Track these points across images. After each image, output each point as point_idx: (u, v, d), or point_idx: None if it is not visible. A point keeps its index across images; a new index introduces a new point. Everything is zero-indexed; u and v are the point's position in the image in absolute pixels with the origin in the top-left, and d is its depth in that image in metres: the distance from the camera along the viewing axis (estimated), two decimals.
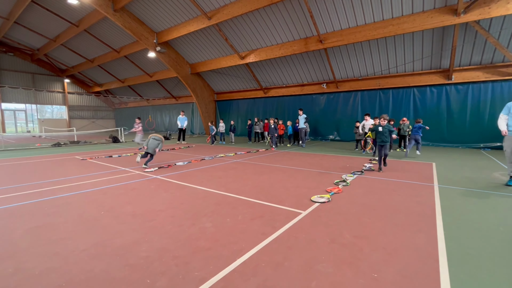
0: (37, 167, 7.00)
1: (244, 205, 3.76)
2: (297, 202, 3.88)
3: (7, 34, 21.13)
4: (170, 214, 3.43)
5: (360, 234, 2.80)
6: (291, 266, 2.20)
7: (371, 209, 3.59)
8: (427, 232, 2.85)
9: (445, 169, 6.47)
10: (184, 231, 2.89)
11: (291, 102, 16.89)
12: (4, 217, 3.34)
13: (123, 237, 2.74)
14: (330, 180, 5.26)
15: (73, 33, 18.32)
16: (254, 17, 12.75)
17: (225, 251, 2.44)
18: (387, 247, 2.52)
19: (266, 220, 3.20)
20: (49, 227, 3.01)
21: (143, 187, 4.84)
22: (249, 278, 2.02)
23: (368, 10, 10.42)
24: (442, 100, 11.77)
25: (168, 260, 2.28)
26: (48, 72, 27.93)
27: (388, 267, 2.18)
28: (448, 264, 2.22)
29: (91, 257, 2.34)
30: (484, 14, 8.61)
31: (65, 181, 5.33)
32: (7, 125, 25.55)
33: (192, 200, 4.04)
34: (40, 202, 3.95)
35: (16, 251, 2.46)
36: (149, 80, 22.66)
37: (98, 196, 4.23)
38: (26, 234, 2.82)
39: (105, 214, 3.41)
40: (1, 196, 4.27)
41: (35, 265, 2.21)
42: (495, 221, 3.19)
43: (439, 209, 3.61)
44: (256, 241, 2.65)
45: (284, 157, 8.69)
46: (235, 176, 5.75)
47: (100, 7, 13.62)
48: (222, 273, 2.09)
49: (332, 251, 2.45)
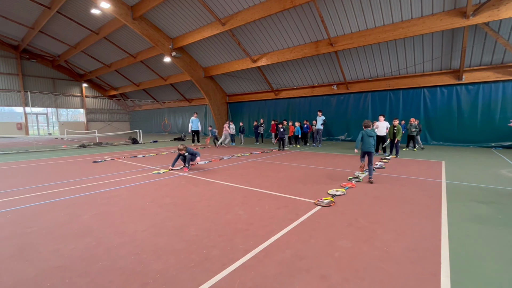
0: (75, 166, 7.71)
1: (269, 198, 4.26)
2: (315, 195, 4.35)
3: (31, 42, 22.45)
4: (205, 204, 3.96)
5: (373, 220, 3.26)
6: (316, 242, 2.68)
7: (382, 201, 4.02)
8: (432, 219, 3.27)
9: (454, 167, 6.79)
10: (222, 217, 3.41)
11: (302, 104, 17.32)
12: (67, 206, 3.95)
13: (173, 221, 3.28)
14: (344, 177, 5.70)
15: (93, 40, 19.33)
16: (266, 22, 13.26)
17: (260, 232, 2.95)
18: (397, 230, 2.96)
19: (290, 209, 3.69)
20: (107, 214, 3.59)
21: (175, 183, 5.41)
22: (284, 250, 2.52)
23: (378, 13, 10.76)
24: (453, 100, 11.96)
25: (215, 237, 2.81)
26: (67, 77, 29.30)
27: (398, 244, 2.63)
28: (449, 242, 2.65)
29: (152, 235, 2.89)
30: (493, 16, 8.83)
31: (105, 177, 5.96)
32: (29, 128, 26.96)
33: (221, 193, 4.57)
34: (91, 195, 4.56)
35: (90, 230, 3.04)
36: (163, 84, 23.53)
37: (138, 190, 4.82)
38: (92, 219, 3.41)
39: (150, 204, 3.98)
40: (59, 189, 4.92)
41: (111, 240, 2.78)
42: (495, 210, 3.57)
43: (445, 201, 4.01)
44: (284, 224, 3.14)
45: (298, 156, 9.15)
46: (255, 173, 6.26)
47: (120, 16, 14.44)
48: (262, 246, 2.60)
49: (350, 232, 2.92)
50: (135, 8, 14.55)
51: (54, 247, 2.64)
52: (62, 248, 2.62)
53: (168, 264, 2.30)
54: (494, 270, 2.18)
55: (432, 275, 2.11)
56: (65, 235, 2.93)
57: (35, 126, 27.68)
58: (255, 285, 1.99)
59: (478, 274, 2.13)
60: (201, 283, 2.03)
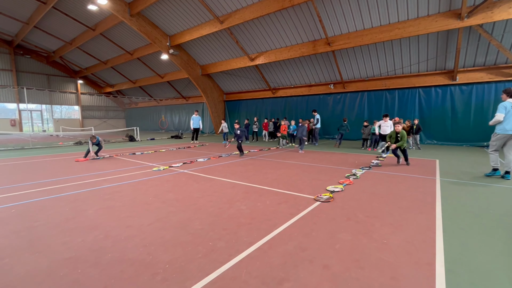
0: (74, 162, 7.70)
1: (269, 194, 4.36)
2: (314, 191, 4.47)
3: (25, 37, 22.12)
4: (208, 199, 4.05)
5: (371, 215, 3.38)
6: (317, 235, 2.79)
7: (379, 197, 4.16)
8: (427, 214, 3.41)
9: (448, 165, 6.99)
10: (225, 212, 3.50)
11: (299, 102, 17.45)
12: (71, 201, 3.99)
13: (177, 216, 3.36)
14: (341, 174, 5.84)
15: (89, 36, 19.16)
16: (264, 21, 13.33)
17: (263, 225, 3.05)
18: (394, 223, 3.09)
19: (290, 204, 3.79)
20: (112, 209, 3.65)
21: (176, 179, 5.48)
22: (287, 242, 2.62)
23: (375, 14, 10.91)
24: (447, 100, 12.21)
25: (220, 231, 2.90)
26: (62, 74, 28.95)
27: (395, 236, 2.75)
28: (443, 235, 2.79)
29: (158, 229, 2.97)
30: (487, 18, 9.05)
31: (105, 174, 6.00)
32: (23, 125, 26.60)
33: (222, 189, 4.66)
34: (94, 190, 4.60)
35: (97, 224, 3.10)
36: (160, 81, 23.44)
37: (140, 186, 4.88)
38: (97, 213, 3.47)
39: (153, 200, 4.05)
40: (61, 185, 4.95)
41: (118, 233, 2.85)
42: (487, 206, 3.73)
43: (439, 197, 4.16)
44: (286, 219, 3.25)
45: (296, 154, 9.27)
46: (255, 170, 6.36)
47: (117, 12, 14.35)
48: (265, 238, 2.70)
49: (349, 225, 3.04)
50: (132, 5, 14.48)
51: (63, 239, 2.70)
52: (70, 240, 2.68)
53: (176, 255, 2.39)
54: (486, 260, 2.32)
55: (428, 264, 2.24)
56: (72, 228, 2.99)
57: (29, 123, 27.30)
58: (262, 274, 2.09)
59: (471, 263, 2.26)
60: (210, 272, 2.12)
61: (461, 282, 2.01)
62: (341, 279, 2.03)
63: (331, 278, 2.04)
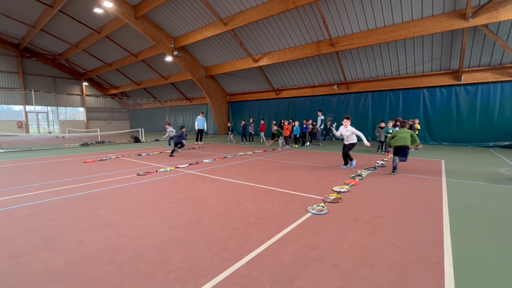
0: (81, 163, 7.82)
1: (276, 194, 4.41)
2: (321, 192, 4.51)
3: (32, 40, 22.44)
4: (216, 200, 4.11)
5: (378, 215, 3.41)
6: (326, 234, 2.84)
7: (386, 197, 4.18)
8: (434, 213, 3.44)
9: (454, 165, 6.98)
10: (233, 212, 3.56)
11: (303, 103, 17.47)
12: (83, 201, 4.08)
13: (187, 215, 3.43)
14: (347, 175, 5.87)
15: (95, 39, 19.40)
16: (268, 22, 13.39)
17: (271, 225, 3.10)
18: (401, 223, 3.12)
19: (298, 205, 3.84)
20: (123, 209, 3.73)
21: (183, 180, 5.55)
22: (296, 241, 2.67)
23: (378, 14, 10.92)
24: (452, 100, 12.15)
25: (230, 230, 2.96)
26: (68, 76, 29.31)
27: (403, 236, 2.79)
28: (451, 234, 2.82)
29: (169, 228, 3.03)
30: (492, 18, 9.01)
31: (114, 175, 6.09)
32: (29, 127, 26.95)
33: (229, 190, 4.72)
34: (104, 191, 4.69)
35: (109, 223, 3.18)
36: (164, 83, 23.62)
37: (149, 187, 4.96)
38: (108, 213, 3.55)
39: (162, 200, 4.12)
40: (72, 186, 5.04)
41: (131, 233, 2.92)
42: (494, 206, 3.75)
43: (446, 197, 4.17)
44: (294, 219, 3.30)
45: (300, 155, 9.31)
46: (260, 171, 6.41)
47: (123, 15, 14.53)
48: (275, 238, 2.75)
49: (357, 225, 3.08)
50: (137, 8, 14.65)
51: (78, 238, 2.78)
52: (85, 239, 2.76)
53: (188, 253, 2.45)
54: (494, 259, 2.34)
55: (436, 263, 2.27)
56: (85, 227, 3.07)
57: (35, 125, 27.65)
58: (273, 272, 2.14)
59: (479, 262, 2.29)
60: (222, 270, 2.17)
61: (470, 280, 2.04)
62: (351, 277, 2.08)
63: (341, 276, 2.09)
